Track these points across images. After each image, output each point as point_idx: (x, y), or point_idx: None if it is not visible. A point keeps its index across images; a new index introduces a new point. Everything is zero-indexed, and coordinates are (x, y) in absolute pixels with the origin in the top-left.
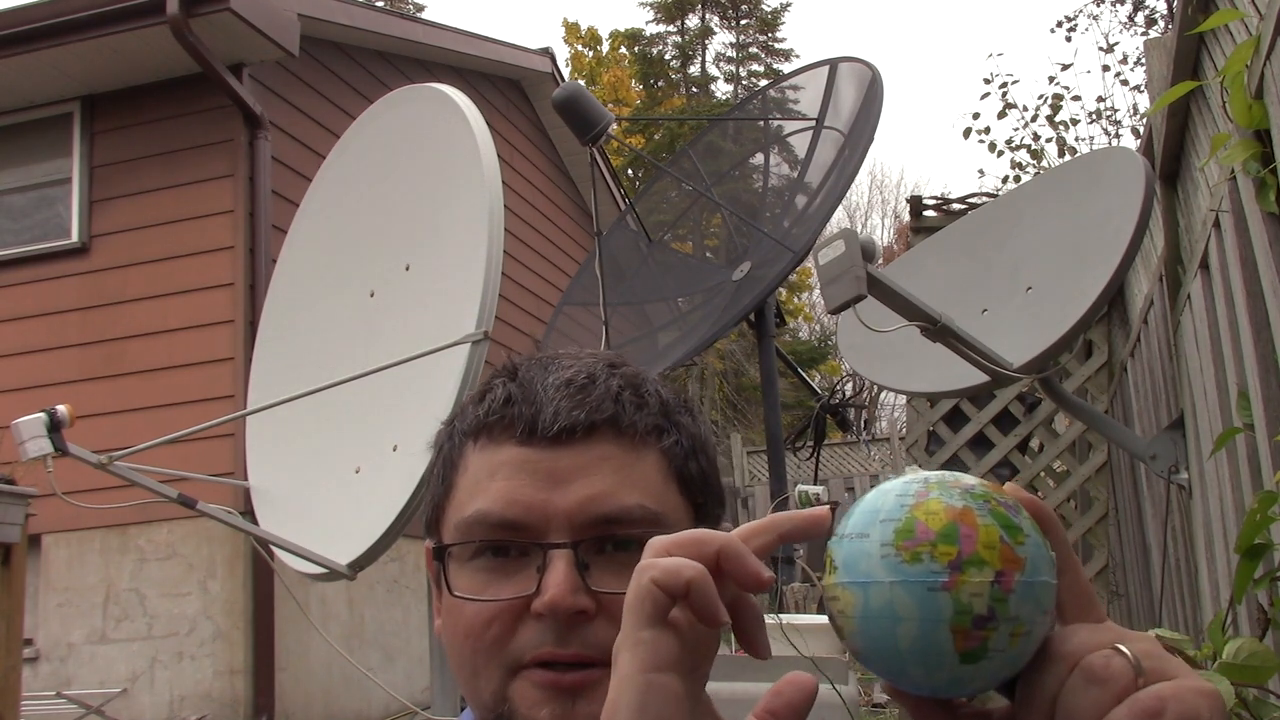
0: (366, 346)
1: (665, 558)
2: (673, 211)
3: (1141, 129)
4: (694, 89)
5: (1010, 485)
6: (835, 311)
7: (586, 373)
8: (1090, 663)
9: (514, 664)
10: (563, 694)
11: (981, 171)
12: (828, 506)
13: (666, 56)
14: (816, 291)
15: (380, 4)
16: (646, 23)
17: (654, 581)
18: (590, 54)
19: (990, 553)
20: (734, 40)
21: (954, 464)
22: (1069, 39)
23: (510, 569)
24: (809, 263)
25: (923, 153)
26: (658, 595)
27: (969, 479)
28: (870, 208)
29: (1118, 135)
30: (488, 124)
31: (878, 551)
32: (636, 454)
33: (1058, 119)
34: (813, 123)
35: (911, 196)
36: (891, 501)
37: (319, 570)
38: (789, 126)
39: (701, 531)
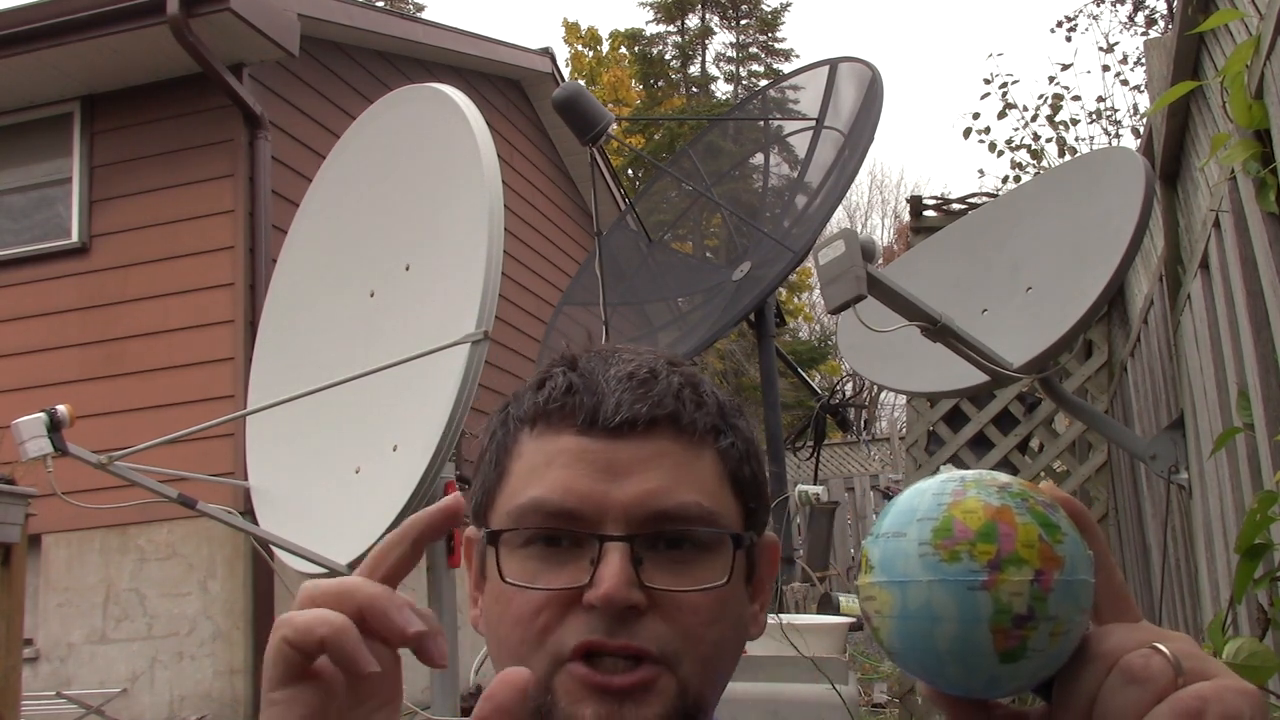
0: (366, 346)
1: (305, 610)
2: (673, 211)
3: (1141, 129)
4: (694, 89)
5: (1046, 484)
6: (835, 311)
7: (649, 367)
8: (1129, 662)
9: (558, 654)
10: (611, 696)
11: (981, 171)
12: (458, 494)
13: (666, 56)
14: (816, 291)
15: (380, 4)
16: (646, 23)
17: (285, 640)
18: (590, 54)
19: (1029, 551)
20: (734, 40)
21: (954, 464)
22: (1069, 39)
23: (563, 558)
24: (809, 263)
25: (923, 153)
26: (289, 654)
27: (1005, 477)
28: (870, 208)
29: (1118, 135)
30: (488, 124)
31: (915, 550)
32: (694, 452)
33: (1058, 119)
34: (813, 123)
35: (911, 196)
36: (928, 500)
37: (319, 570)
38: (789, 126)
39: (346, 582)
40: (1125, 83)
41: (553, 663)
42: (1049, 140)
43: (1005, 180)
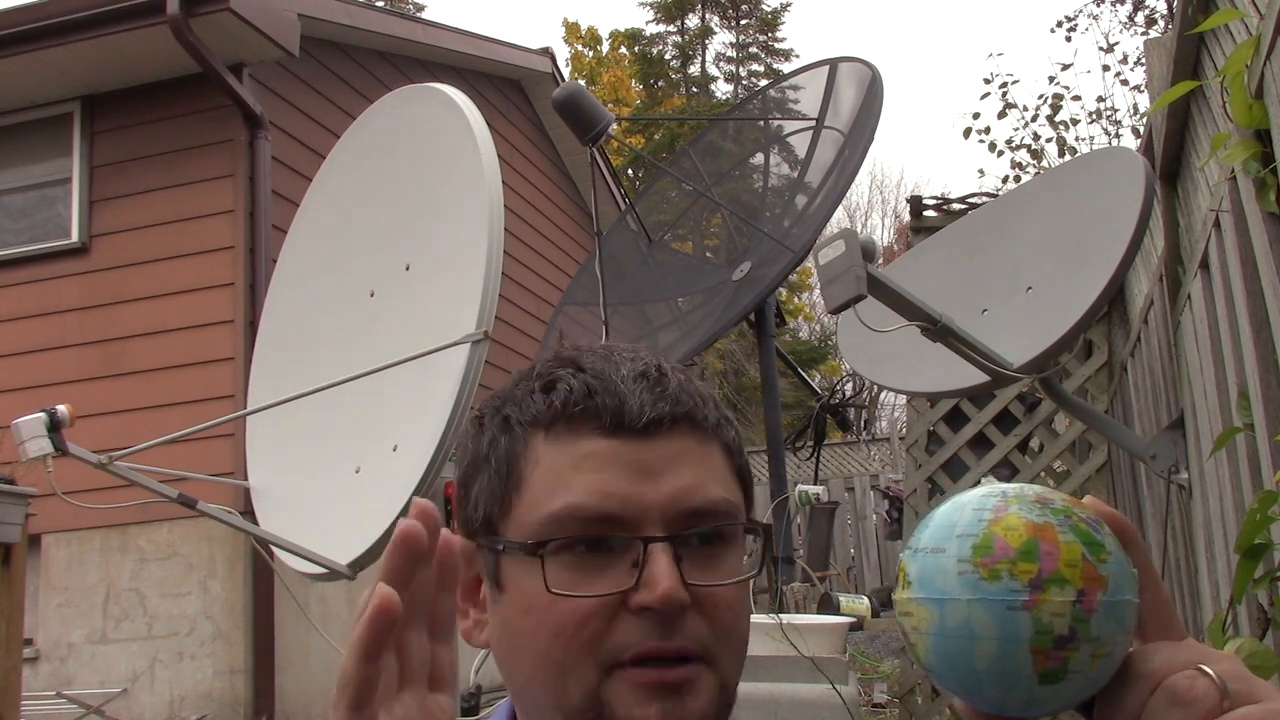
0: (366, 346)
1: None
2: (673, 211)
3: (1141, 129)
4: (694, 89)
5: (1090, 499)
6: (835, 311)
7: (655, 366)
8: (1174, 684)
9: (610, 662)
10: (669, 691)
11: (981, 171)
12: (407, 522)
13: (666, 56)
14: (816, 291)
15: (380, 4)
16: (646, 23)
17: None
18: (590, 54)
19: (1072, 571)
20: (734, 40)
21: (954, 464)
22: (1069, 39)
23: (601, 565)
24: (809, 263)
25: (923, 153)
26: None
27: (1049, 492)
28: (870, 208)
29: (1118, 135)
30: (488, 124)
31: (954, 568)
32: (710, 448)
33: (1058, 119)
34: (813, 123)
35: (911, 196)
36: (968, 516)
37: (319, 570)
38: (789, 126)
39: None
40: (1125, 83)
41: (603, 670)
42: (1049, 140)
43: (1005, 180)
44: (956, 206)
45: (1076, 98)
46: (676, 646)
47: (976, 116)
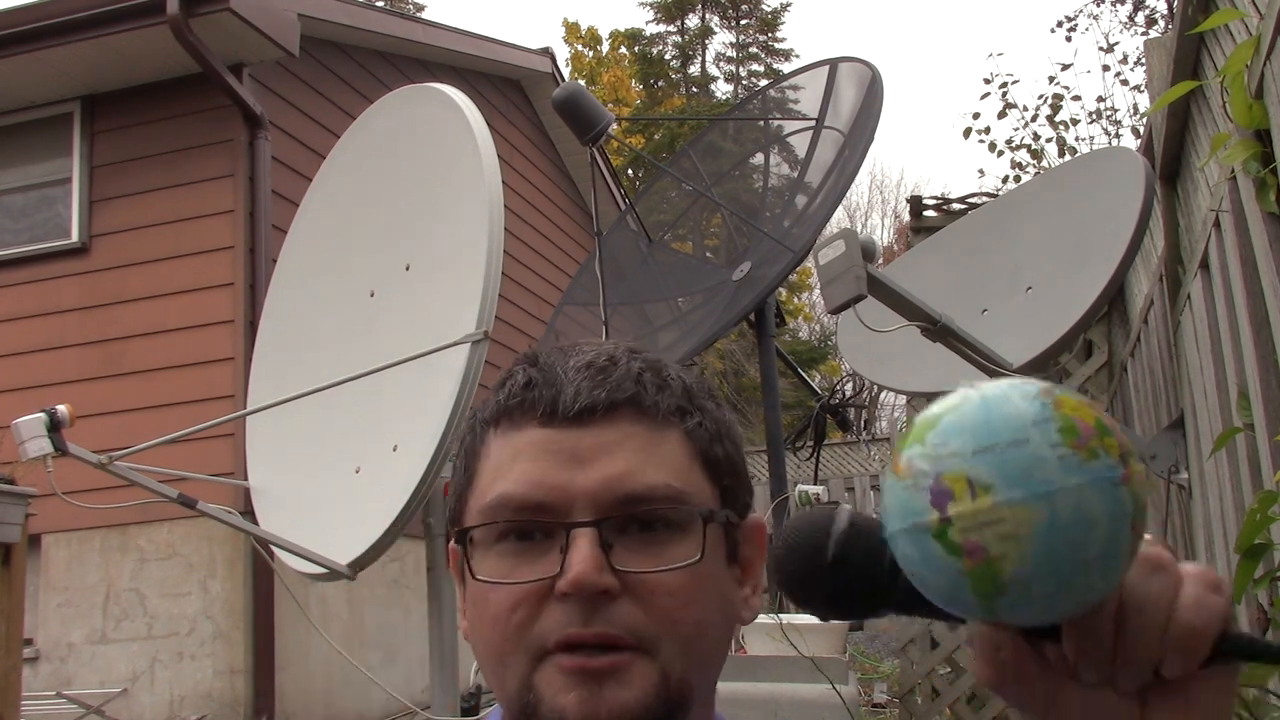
0: (366, 346)
1: None
2: (673, 211)
3: (1141, 129)
4: (694, 89)
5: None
6: (835, 311)
7: (608, 355)
8: (1147, 554)
9: (539, 649)
10: (589, 678)
11: (981, 171)
12: None
13: (666, 56)
14: (816, 291)
15: (380, 4)
16: (646, 23)
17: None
18: (590, 54)
19: (1125, 442)
20: (734, 40)
21: None
22: (1069, 39)
23: (535, 552)
24: (809, 263)
25: (923, 153)
26: None
27: (1028, 381)
28: (870, 208)
29: (1118, 135)
30: (488, 124)
31: (1052, 455)
32: (659, 434)
33: (1058, 119)
34: (813, 123)
35: (911, 196)
36: (1028, 405)
37: (319, 570)
38: (789, 126)
39: None
40: (1125, 83)
41: (533, 659)
42: (1049, 140)
43: (1005, 180)
44: (956, 206)
45: (1076, 98)
46: (595, 633)
47: (976, 116)
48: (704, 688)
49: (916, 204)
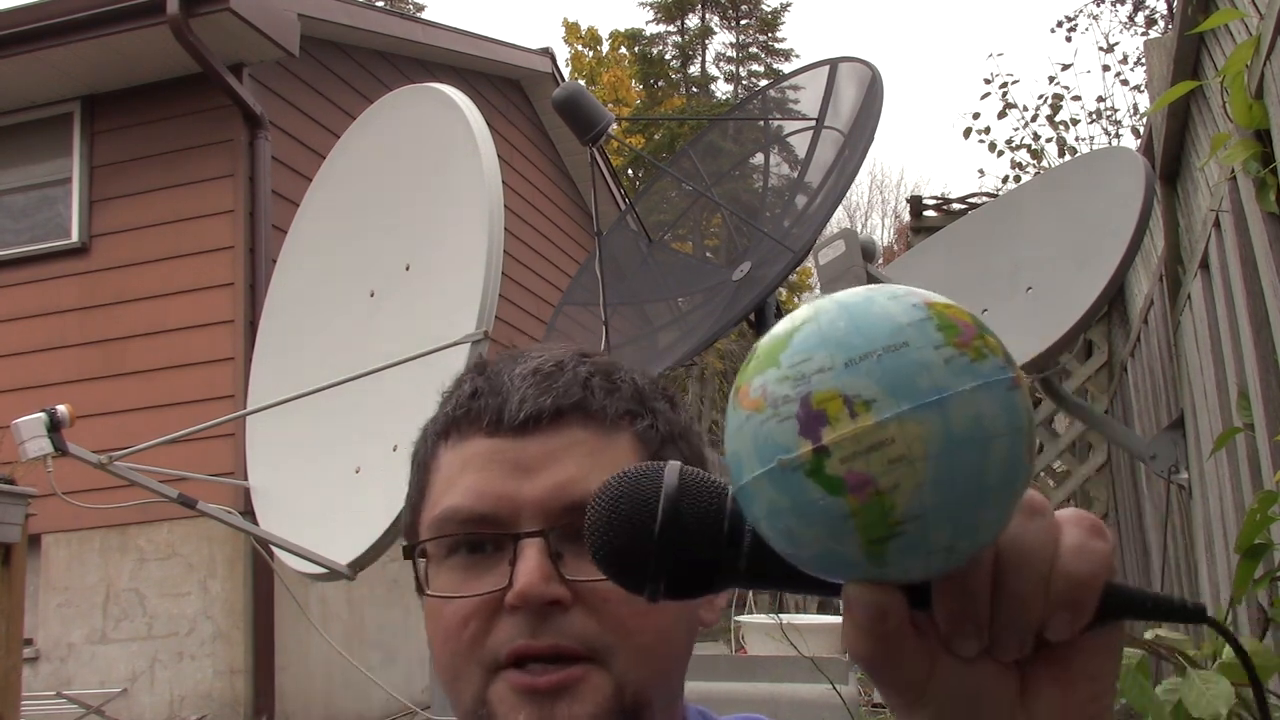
0: (366, 346)
1: None
2: (673, 211)
3: (1141, 129)
4: (694, 89)
5: None
6: None
7: (555, 361)
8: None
9: (491, 663)
10: (540, 696)
11: (981, 171)
12: None
13: (666, 56)
14: (816, 291)
15: (380, 4)
16: (646, 23)
17: None
18: (590, 54)
19: (1002, 342)
20: (734, 40)
21: None
22: (1069, 39)
23: (486, 564)
24: (809, 263)
25: (923, 153)
26: None
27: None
28: (870, 208)
29: (1118, 135)
30: (488, 124)
31: (936, 356)
32: (608, 439)
33: (1058, 119)
34: (813, 123)
35: (911, 196)
36: (896, 306)
37: (319, 570)
38: (789, 126)
39: None
40: (1125, 83)
41: (486, 673)
42: (1049, 140)
43: (1005, 180)
44: (956, 206)
45: (1076, 98)
46: (546, 645)
47: (976, 116)
48: (665, 694)
49: (916, 204)
